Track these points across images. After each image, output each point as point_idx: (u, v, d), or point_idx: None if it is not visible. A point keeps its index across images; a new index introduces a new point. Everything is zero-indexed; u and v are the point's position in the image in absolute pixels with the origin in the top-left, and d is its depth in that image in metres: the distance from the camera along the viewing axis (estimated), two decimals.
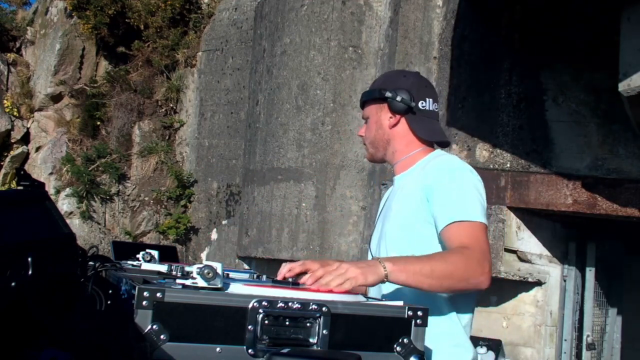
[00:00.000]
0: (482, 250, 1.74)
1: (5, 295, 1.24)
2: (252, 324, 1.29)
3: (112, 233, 7.76)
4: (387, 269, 1.63)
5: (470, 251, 1.72)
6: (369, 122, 2.02)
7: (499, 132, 4.26)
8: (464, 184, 1.84)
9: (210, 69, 7.71)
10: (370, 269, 1.61)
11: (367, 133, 2.02)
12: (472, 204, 1.80)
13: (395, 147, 1.98)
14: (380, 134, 1.98)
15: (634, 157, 3.98)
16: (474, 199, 1.82)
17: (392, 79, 2.01)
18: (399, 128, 1.96)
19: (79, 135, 8.38)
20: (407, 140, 1.97)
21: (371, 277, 1.60)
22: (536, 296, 4.49)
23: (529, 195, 4.17)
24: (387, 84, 1.97)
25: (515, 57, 4.27)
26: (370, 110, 2.01)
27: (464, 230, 1.76)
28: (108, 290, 1.46)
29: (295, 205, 5.26)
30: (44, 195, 1.47)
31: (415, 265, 1.67)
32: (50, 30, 9.04)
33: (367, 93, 2.02)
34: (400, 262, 1.67)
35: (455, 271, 1.68)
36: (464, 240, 1.74)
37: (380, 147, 2.00)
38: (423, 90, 1.97)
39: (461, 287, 1.71)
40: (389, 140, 1.98)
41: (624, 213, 3.99)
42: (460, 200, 1.80)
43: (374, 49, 5.20)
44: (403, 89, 1.93)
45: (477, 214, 1.79)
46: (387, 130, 1.97)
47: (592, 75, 4.06)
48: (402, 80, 1.97)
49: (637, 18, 2.90)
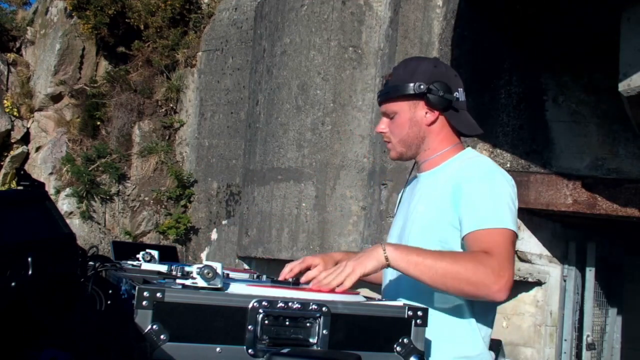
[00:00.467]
0: (503, 259, 1.61)
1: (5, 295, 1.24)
2: (252, 324, 1.29)
3: (112, 233, 7.76)
4: (387, 254, 1.58)
5: (488, 257, 1.60)
6: (397, 119, 1.83)
7: (499, 132, 4.26)
8: (495, 188, 1.72)
9: (210, 69, 7.71)
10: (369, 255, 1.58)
11: (396, 131, 1.84)
12: (501, 210, 1.69)
13: (428, 145, 1.84)
14: (414, 131, 1.82)
15: (634, 157, 3.98)
16: (504, 205, 1.70)
17: (421, 69, 1.80)
18: (435, 124, 1.82)
19: (79, 135, 8.38)
20: (442, 137, 1.84)
21: (370, 264, 1.57)
22: (536, 296, 4.49)
23: (529, 195, 4.17)
24: (418, 76, 1.78)
25: (515, 57, 4.27)
26: (399, 106, 1.81)
27: (488, 236, 1.65)
28: (108, 290, 1.46)
29: (295, 205, 5.26)
30: (44, 195, 1.47)
31: (418, 256, 1.60)
32: (50, 30, 9.04)
33: (397, 88, 1.81)
34: (403, 250, 1.61)
35: (463, 273, 1.58)
36: (485, 246, 1.63)
37: (413, 146, 1.84)
38: (454, 80, 1.82)
39: (469, 292, 1.60)
40: (424, 138, 1.83)
41: (624, 213, 3.99)
42: (490, 205, 1.69)
43: (374, 49, 5.20)
44: (440, 82, 1.77)
45: (506, 220, 1.68)
46: (423, 127, 1.81)
47: (592, 75, 4.06)
48: (434, 70, 1.80)
49: (637, 18, 2.90)
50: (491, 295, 1.60)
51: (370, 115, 5.09)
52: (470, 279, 1.58)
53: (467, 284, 1.58)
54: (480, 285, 1.58)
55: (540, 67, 4.21)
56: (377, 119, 4.83)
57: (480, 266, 1.59)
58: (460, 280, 1.58)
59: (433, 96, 1.77)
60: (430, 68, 1.81)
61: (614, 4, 3.08)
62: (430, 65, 1.83)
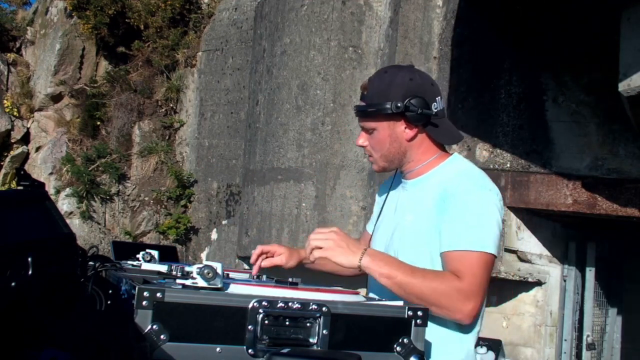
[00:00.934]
0: (473, 285, 1.62)
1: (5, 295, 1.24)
2: (252, 324, 1.29)
3: (112, 233, 7.76)
4: (362, 261, 1.63)
5: (457, 282, 1.62)
6: (377, 135, 1.81)
7: (499, 132, 4.26)
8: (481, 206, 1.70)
9: (210, 69, 7.71)
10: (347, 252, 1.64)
11: (377, 146, 1.82)
12: (483, 231, 1.67)
13: (411, 157, 1.83)
14: (395, 147, 1.81)
15: (634, 157, 3.98)
16: (487, 226, 1.68)
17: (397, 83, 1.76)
18: (416, 138, 1.81)
19: (79, 135, 8.38)
20: (424, 149, 1.83)
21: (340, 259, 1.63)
22: (536, 296, 4.49)
23: (529, 195, 4.17)
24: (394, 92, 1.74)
25: (515, 57, 4.27)
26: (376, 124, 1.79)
27: (465, 259, 1.64)
28: (108, 290, 1.46)
29: (295, 205, 5.26)
30: (44, 195, 1.47)
31: (391, 270, 1.63)
32: (50, 30, 9.04)
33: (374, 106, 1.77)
34: (378, 262, 1.65)
35: (429, 296, 1.60)
36: (458, 268, 1.64)
37: (395, 161, 1.84)
38: (431, 90, 1.80)
39: (434, 312, 1.59)
40: (406, 152, 1.82)
41: (624, 213, 3.99)
42: (472, 225, 1.67)
43: (374, 49, 5.20)
44: (417, 97, 1.74)
45: (486, 243, 1.66)
46: (404, 142, 1.80)
47: (592, 75, 4.06)
48: (409, 84, 1.76)
49: (637, 18, 2.89)
50: (456, 320, 1.64)
51: None
52: (436, 302, 1.60)
53: (431, 305, 1.58)
54: (445, 309, 1.62)
55: (540, 67, 4.21)
56: None
57: (448, 290, 1.61)
58: (426, 301, 1.59)
59: (411, 114, 1.74)
60: (406, 82, 1.76)
61: (614, 4, 3.07)
62: (405, 78, 1.77)
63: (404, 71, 1.82)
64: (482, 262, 1.65)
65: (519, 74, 4.25)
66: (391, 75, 1.80)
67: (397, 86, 1.76)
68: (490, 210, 1.70)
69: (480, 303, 1.65)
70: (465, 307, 1.61)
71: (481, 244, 1.66)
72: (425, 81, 1.82)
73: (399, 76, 1.78)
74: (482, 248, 1.65)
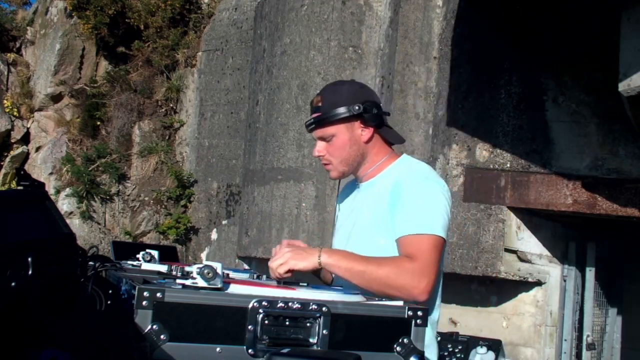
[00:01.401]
0: (425, 264, 1.74)
1: (5, 295, 1.24)
2: (252, 324, 1.29)
3: (112, 233, 7.76)
4: (321, 259, 1.73)
5: (409, 263, 1.73)
6: (335, 141, 1.92)
7: (499, 132, 4.26)
8: (428, 194, 1.84)
9: (210, 69, 7.71)
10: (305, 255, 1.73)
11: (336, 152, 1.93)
12: (431, 217, 1.80)
13: (367, 159, 1.96)
14: (354, 150, 1.93)
15: (634, 157, 3.98)
16: (435, 212, 1.81)
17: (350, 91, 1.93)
18: (372, 139, 1.95)
19: (79, 135, 8.38)
20: (377, 150, 1.96)
21: (302, 264, 1.72)
22: (536, 296, 4.49)
23: (529, 195, 4.17)
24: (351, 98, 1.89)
25: (515, 57, 4.27)
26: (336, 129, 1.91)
27: (415, 242, 1.77)
28: (108, 290, 1.46)
29: (295, 205, 5.26)
30: (44, 195, 1.47)
31: (349, 262, 1.74)
32: (50, 30, 9.04)
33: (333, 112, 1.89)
34: (336, 257, 1.75)
35: (386, 279, 1.70)
36: (411, 251, 1.76)
37: (355, 164, 1.96)
38: (377, 97, 1.99)
39: (393, 294, 1.69)
40: (364, 154, 1.95)
41: (624, 213, 3.99)
42: (421, 211, 1.80)
43: (374, 49, 5.20)
44: (371, 100, 1.91)
45: (434, 227, 1.79)
46: (362, 145, 1.93)
47: (592, 75, 4.06)
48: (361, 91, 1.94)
49: (637, 18, 2.89)
50: (413, 298, 1.71)
51: None
52: (393, 283, 1.71)
53: (390, 288, 1.70)
54: (402, 289, 1.70)
55: (540, 67, 4.21)
56: None
57: (402, 271, 1.72)
58: (384, 284, 1.71)
59: (368, 114, 1.89)
60: (356, 89, 1.95)
61: (614, 4, 3.07)
62: (356, 86, 1.98)
63: (351, 82, 2.06)
64: (431, 244, 1.78)
65: (519, 74, 4.25)
66: (342, 86, 1.99)
67: (350, 93, 1.93)
68: (438, 198, 1.85)
69: (433, 280, 1.75)
70: (420, 283, 1.71)
71: (430, 227, 1.79)
72: (367, 89, 2.02)
73: (349, 85, 1.99)
74: (431, 231, 1.78)
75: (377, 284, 1.71)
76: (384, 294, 1.70)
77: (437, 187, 1.87)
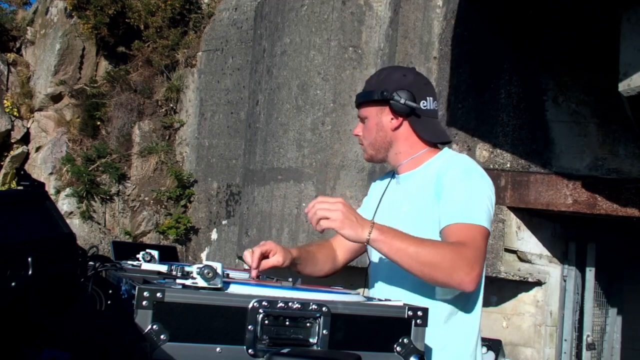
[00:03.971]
0: (477, 252, 1.68)
1: (5, 295, 1.24)
2: (252, 324, 1.29)
3: (112, 233, 7.76)
4: (371, 235, 1.63)
5: (464, 249, 1.67)
6: (367, 123, 1.94)
7: (499, 132, 4.26)
8: (473, 187, 1.80)
9: (210, 69, 7.71)
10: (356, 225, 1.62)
11: (366, 134, 1.95)
12: (478, 208, 1.75)
13: (399, 149, 1.93)
14: (381, 136, 1.92)
15: (634, 157, 3.98)
16: (481, 204, 1.77)
17: (391, 78, 1.91)
18: (401, 130, 1.91)
19: (79, 135, 8.38)
20: (411, 142, 1.92)
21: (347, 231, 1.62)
22: (536, 296, 4.49)
23: (529, 195, 4.17)
24: (386, 84, 1.89)
25: (515, 57, 4.27)
26: (369, 111, 1.93)
27: (464, 230, 1.72)
28: (108, 290, 1.46)
29: (295, 205, 5.26)
30: (44, 195, 1.47)
31: (402, 242, 1.64)
32: (50, 30, 9.04)
33: (366, 94, 1.93)
34: (388, 234, 1.65)
35: (441, 262, 1.63)
36: (461, 238, 1.70)
37: (381, 149, 1.94)
38: (423, 89, 1.91)
39: (442, 279, 1.65)
40: (391, 142, 1.92)
41: (624, 213, 3.99)
42: (467, 202, 1.76)
43: (374, 49, 5.20)
44: (404, 90, 1.86)
45: (481, 218, 1.74)
46: (389, 132, 1.91)
47: (592, 75, 4.06)
48: (402, 79, 1.89)
49: (637, 18, 2.89)
50: (462, 285, 1.65)
51: None
52: (447, 268, 1.64)
53: (442, 273, 1.64)
54: (455, 275, 1.64)
55: (540, 67, 4.21)
56: None
57: (457, 256, 1.65)
58: (437, 268, 1.63)
59: (395, 102, 1.86)
60: (399, 77, 1.91)
61: (614, 4, 3.07)
62: (399, 74, 1.94)
63: (401, 69, 1.99)
64: (479, 232, 1.73)
65: (519, 74, 4.25)
66: (388, 71, 1.99)
67: (390, 80, 1.91)
68: (484, 191, 1.80)
69: (482, 271, 1.71)
70: (472, 269, 1.65)
71: (479, 218, 1.74)
72: (419, 80, 1.94)
73: (395, 72, 1.96)
74: (480, 222, 1.74)
75: (430, 266, 1.63)
76: (433, 279, 1.65)
77: (483, 180, 1.83)
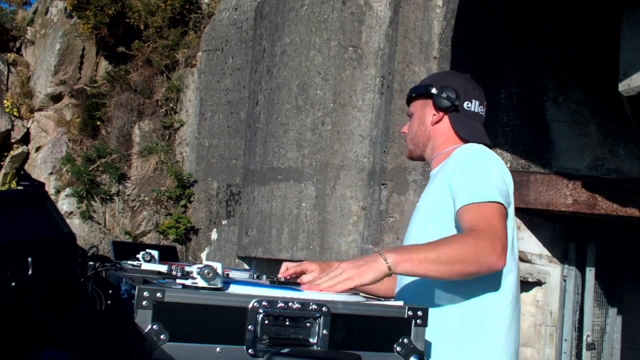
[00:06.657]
0: (493, 230, 1.65)
1: (5, 295, 1.24)
2: (252, 324, 1.29)
3: (112, 233, 7.76)
4: (389, 262, 1.55)
5: (478, 232, 1.64)
6: (412, 119, 2.01)
7: (499, 132, 4.26)
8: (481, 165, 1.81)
9: (210, 69, 7.71)
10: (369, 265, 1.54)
11: (410, 129, 2.02)
12: (487, 185, 1.75)
13: (434, 144, 1.97)
14: (422, 130, 1.98)
15: (634, 157, 3.98)
16: (489, 180, 1.76)
17: (440, 77, 2.03)
18: (440, 125, 1.96)
19: (79, 135, 8.37)
20: (446, 138, 1.96)
21: (369, 276, 1.53)
22: (536, 296, 4.49)
23: (529, 195, 4.17)
24: (434, 82, 1.97)
25: (515, 57, 4.27)
26: (415, 106, 2.01)
27: (475, 211, 1.70)
28: (108, 290, 1.46)
29: (295, 205, 5.26)
30: (44, 195, 1.47)
31: (420, 252, 1.60)
32: (50, 30, 9.04)
33: (415, 89, 2.02)
34: (403, 252, 1.60)
35: (464, 254, 1.60)
36: (473, 222, 1.68)
37: (420, 144, 1.99)
38: (471, 91, 1.98)
39: (473, 270, 1.62)
40: (430, 137, 1.97)
41: (624, 213, 3.99)
42: (476, 181, 1.76)
43: (374, 49, 5.20)
44: (450, 87, 1.94)
45: (491, 194, 1.73)
46: (428, 126, 1.97)
47: (592, 75, 4.06)
48: (450, 79, 1.99)
49: (637, 18, 2.90)
50: (493, 265, 1.62)
51: (370, 115, 5.09)
52: (472, 257, 1.61)
53: (470, 263, 1.61)
54: (482, 260, 1.61)
55: (540, 67, 4.21)
56: (377, 119, 4.84)
57: (476, 242, 1.62)
58: (464, 261, 1.60)
59: (438, 97, 1.93)
60: (447, 77, 2.01)
61: (614, 4, 3.08)
62: (450, 75, 2.05)
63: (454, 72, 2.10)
64: (491, 209, 1.70)
65: (519, 74, 4.25)
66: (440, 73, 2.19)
67: (439, 79, 2.01)
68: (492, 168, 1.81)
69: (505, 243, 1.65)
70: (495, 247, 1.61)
71: (486, 195, 1.72)
72: (468, 84, 2.01)
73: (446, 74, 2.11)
74: (488, 198, 1.71)
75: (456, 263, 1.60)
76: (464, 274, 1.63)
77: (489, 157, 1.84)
